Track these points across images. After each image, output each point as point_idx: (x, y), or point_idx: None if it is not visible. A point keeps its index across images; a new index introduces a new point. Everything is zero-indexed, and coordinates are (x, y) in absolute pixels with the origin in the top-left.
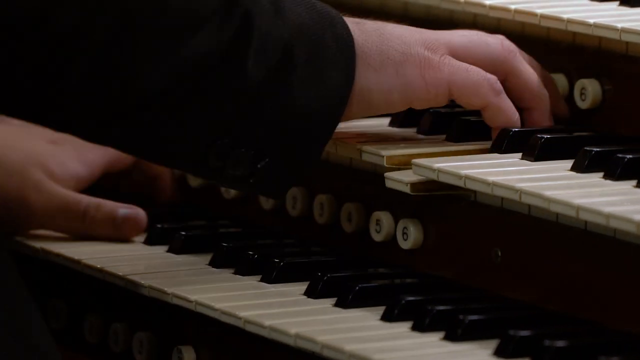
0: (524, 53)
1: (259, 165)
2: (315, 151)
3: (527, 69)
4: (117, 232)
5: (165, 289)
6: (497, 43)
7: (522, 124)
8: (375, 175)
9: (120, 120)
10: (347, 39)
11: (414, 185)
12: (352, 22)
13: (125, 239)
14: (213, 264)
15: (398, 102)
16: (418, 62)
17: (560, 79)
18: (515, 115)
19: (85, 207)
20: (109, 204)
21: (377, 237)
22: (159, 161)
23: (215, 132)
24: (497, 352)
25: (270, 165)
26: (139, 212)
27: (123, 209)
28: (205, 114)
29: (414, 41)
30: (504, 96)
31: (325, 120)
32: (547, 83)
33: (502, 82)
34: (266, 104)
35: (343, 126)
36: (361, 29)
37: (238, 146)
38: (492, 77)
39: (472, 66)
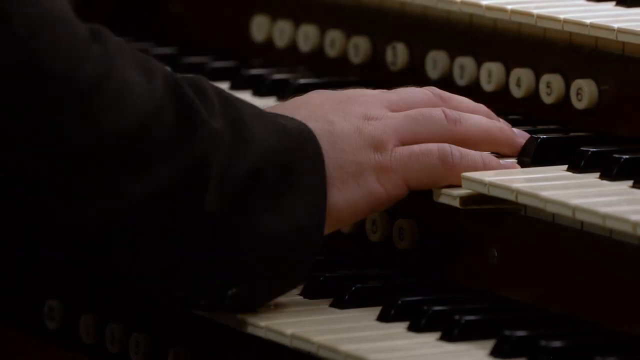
0: (459, 99)
1: (228, 293)
2: (293, 272)
3: (474, 125)
4: None
5: None
6: (441, 118)
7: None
8: None
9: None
10: (315, 158)
11: (463, 198)
12: (318, 139)
13: None
14: None
15: (363, 212)
16: (372, 169)
17: (556, 80)
18: (484, 164)
19: None
20: None
21: (374, 237)
22: (125, 295)
23: (175, 260)
24: (493, 353)
25: (239, 293)
26: None
27: None
28: (166, 242)
29: (363, 145)
30: (464, 159)
31: (310, 241)
32: (493, 117)
33: None
34: (230, 231)
35: None
36: (325, 145)
37: (203, 276)
38: (443, 148)
39: (422, 148)
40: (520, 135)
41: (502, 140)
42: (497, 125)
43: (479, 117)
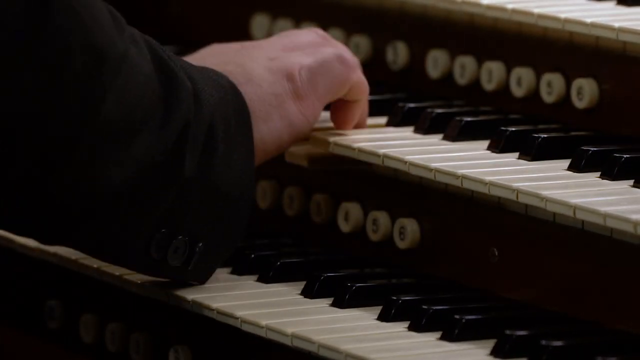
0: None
1: (196, 249)
2: (240, 224)
3: (359, 74)
4: None
5: (161, 288)
6: (332, 51)
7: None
8: (372, 174)
9: (65, 224)
10: (242, 108)
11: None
12: (233, 79)
13: None
14: None
15: (287, 143)
16: (290, 98)
17: (557, 79)
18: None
19: None
20: None
21: (374, 237)
22: (105, 259)
23: (155, 225)
24: (494, 352)
25: (204, 249)
26: None
27: None
28: (149, 208)
29: (275, 78)
30: (356, 58)
31: (241, 194)
32: None
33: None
34: (195, 190)
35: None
36: (243, 83)
37: (175, 234)
38: (336, 51)
39: (318, 57)
40: None
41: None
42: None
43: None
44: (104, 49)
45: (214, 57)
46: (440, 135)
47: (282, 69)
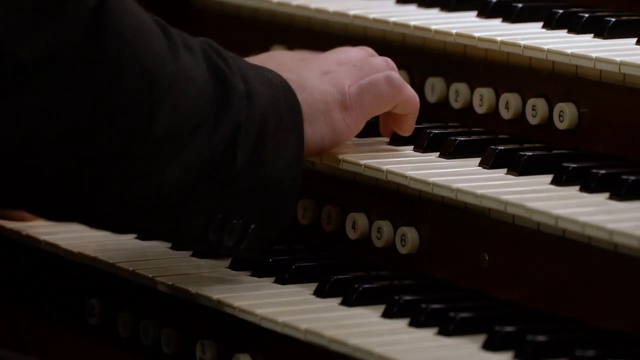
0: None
1: (249, 230)
2: (289, 209)
3: (407, 90)
4: None
5: (190, 289)
6: (383, 64)
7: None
8: (376, 188)
9: (134, 212)
10: (295, 106)
11: None
12: (292, 84)
13: None
14: (232, 267)
15: (329, 146)
16: (338, 107)
17: (541, 103)
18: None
19: None
20: None
21: (378, 243)
22: (168, 240)
23: (212, 211)
24: (484, 346)
25: (256, 229)
26: None
27: None
28: (206, 198)
29: (327, 88)
30: (405, 83)
31: (291, 182)
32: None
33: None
34: (247, 180)
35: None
36: (297, 89)
37: (230, 219)
38: (387, 74)
39: (370, 79)
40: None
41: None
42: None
43: (411, 89)
44: (155, 71)
45: (275, 63)
46: (437, 153)
47: (334, 82)
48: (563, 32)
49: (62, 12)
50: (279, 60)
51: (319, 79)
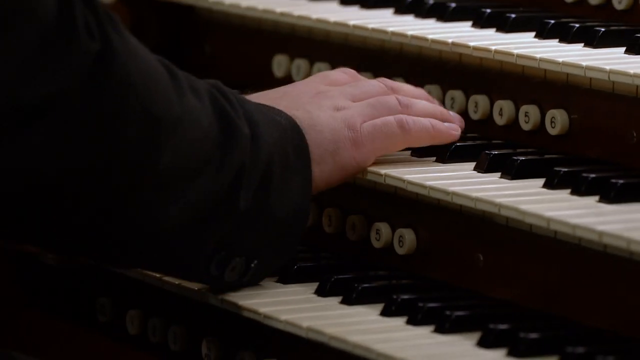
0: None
1: (251, 266)
2: (294, 246)
3: (420, 108)
4: None
5: (195, 288)
6: (395, 103)
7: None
8: (375, 191)
9: (138, 249)
10: (303, 146)
11: None
12: (299, 122)
13: None
14: None
15: (336, 183)
16: (348, 145)
17: (533, 109)
18: (432, 127)
19: None
20: None
21: (377, 244)
22: (170, 274)
23: (214, 249)
24: (479, 343)
25: (259, 265)
26: None
27: None
28: (208, 236)
29: (337, 127)
30: (417, 124)
31: (296, 220)
32: (430, 99)
33: None
34: (250, 219)
35: None
36: (307, 128)
37: (233, 256)
38: (399, 117)
39: (383, 120)
40: (453, 116)
41: (441, 118)
42: (437, 108)
43: (423, 103)
44: (160, 115)
45: (290, 98)
46: (434, 158)
47: (346, 119)
48: (554, 42)
49: (65, 56)
50: (295, 95)
51: (331, 116)
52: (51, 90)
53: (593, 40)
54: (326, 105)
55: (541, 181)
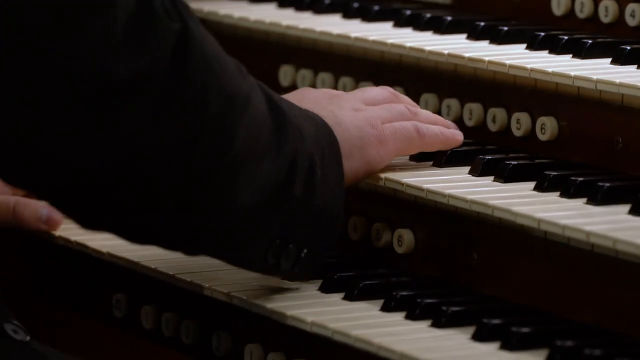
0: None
1: (302, 255)
2: (335, 236)
3: (425, 116)
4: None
5: (206, 285)
6: (405, 110)
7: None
8: (376, 194)
9: (210, 234)
10: (334, 142)
11: None
12: (328, 121)
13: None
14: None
15: (362, 177)
16: (374, 141)
17: (524, 117)
18: (441, 133)
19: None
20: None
21: (377, 244)
22: (229, 260)
23: (273, 237)
24: (473, 337)
25: (308, 254)
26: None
27: (44, 209)
28: (270, 223)
29: (361, 124)
30: (429, 130)
31: (336, 211)
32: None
33: None
34: (303, 207)
35: None
36: (333, 125)
37: (287, 244)
38: (415, 123)
39: (402, 124)
40: (450, 124)
41: (442, 126)
42: (438, 116)
43: (426, 111)
44: (234, 94)
45: (310, 102)
46: (431, 162)
47: (367, 118)
48: (544, 53)
49: (150, 34)
50: (313, 98)
51: (353, 115)
52: (141, 68)
53: (581, 52)
54: (346, 106)
55: (532, 184)
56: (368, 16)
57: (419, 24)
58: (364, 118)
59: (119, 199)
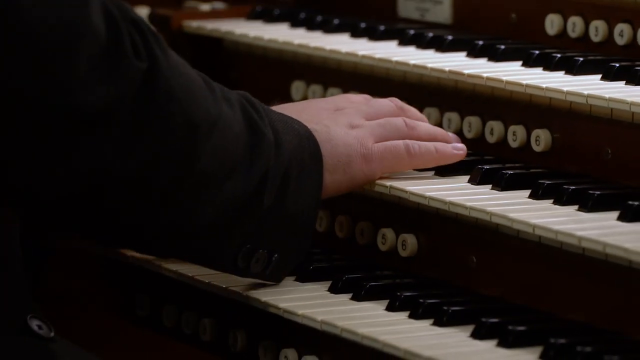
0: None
1: (272, 259)
2: (307, 241)
3: (424, 130)
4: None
5: (223, 285)
6: (402, 124)
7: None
8: (382, 201)
9: (177, 242)
10: (316, 154)
11: None
12: (317, 136)
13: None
14: None
15: (345, 191)
16: (360, 159)
17: (520, 129)
18: (436, 150)
19: None
20: None
21: (383, 248)
22: (200, 264)
23: (241, 243)
24: (472, 335)
25: (279, 258)
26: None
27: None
28: (235, 232)
29: (351, 142)
30: (422, 148)
31: (309, 219)
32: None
33: None
34: (272, 217)
35: None
36: (324, 140)
37: (257, 249)
38: (406, 143)
39: (393, 143)
40: (451, 137)
41: (441, 139)
42: (437, 130)
43: (427, 125)
44: (198, 121)
45: (309, 115)
46: (433, 172)
47: (359, 137)
48: (539, 70)
49: (117, 73)
50: (315, 111)
51: (346, 132)
52: (104, 103)
53: (573, 69)
54: (342, 122)
55: (527, 192)
56: (374, 36)
57: (422, 43)
58: (355, 136)
59: (86, 219)
